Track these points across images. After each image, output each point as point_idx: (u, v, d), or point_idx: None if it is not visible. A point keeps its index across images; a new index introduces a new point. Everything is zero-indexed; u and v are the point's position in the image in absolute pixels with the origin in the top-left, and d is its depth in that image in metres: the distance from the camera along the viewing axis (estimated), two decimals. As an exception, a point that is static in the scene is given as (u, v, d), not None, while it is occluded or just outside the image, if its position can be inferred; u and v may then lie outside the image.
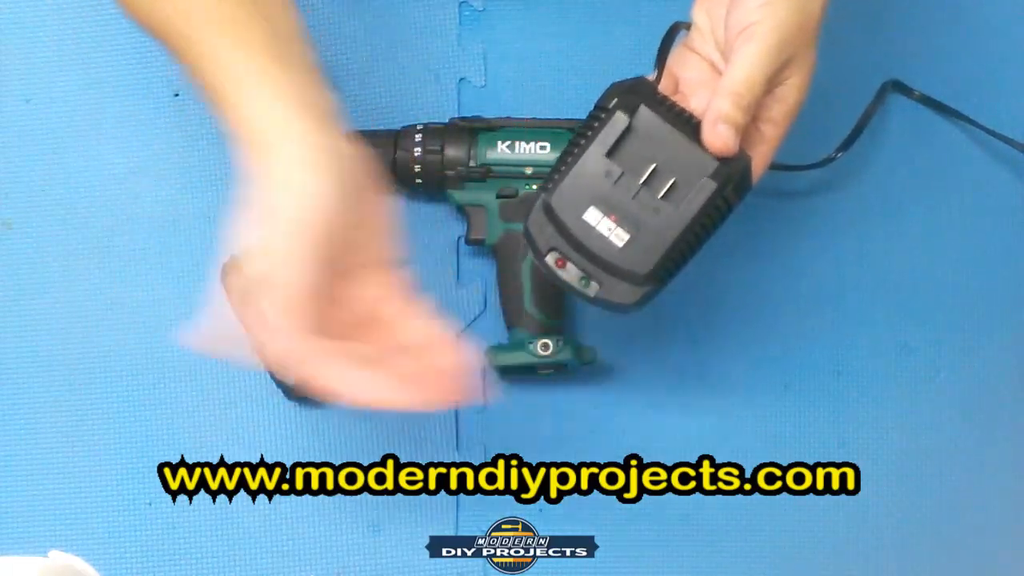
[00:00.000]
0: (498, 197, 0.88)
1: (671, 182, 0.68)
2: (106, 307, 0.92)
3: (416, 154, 0.88)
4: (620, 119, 0.69)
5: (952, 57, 0.95)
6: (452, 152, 0.88)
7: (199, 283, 0.91)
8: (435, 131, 0.89)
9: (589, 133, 0.69)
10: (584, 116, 0.88)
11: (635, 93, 0.70)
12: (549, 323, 0.86)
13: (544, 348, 0.85)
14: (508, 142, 0.88)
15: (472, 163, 0.88)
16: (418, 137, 0.88)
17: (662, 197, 0.68)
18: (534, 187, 0.87)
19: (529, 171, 0.87)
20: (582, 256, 0.69)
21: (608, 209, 0.69)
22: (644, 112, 0.69)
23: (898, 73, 0.94)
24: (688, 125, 0.69)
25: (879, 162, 0.93)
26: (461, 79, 0.94)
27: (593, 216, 0.69)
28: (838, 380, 0.91)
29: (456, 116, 0.91)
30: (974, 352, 0.92)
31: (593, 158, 0.69)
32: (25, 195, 0.93)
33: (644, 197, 0.68)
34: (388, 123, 0.91)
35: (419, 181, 0.89)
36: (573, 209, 0.69)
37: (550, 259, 0.70)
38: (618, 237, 0.69)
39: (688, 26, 0.74)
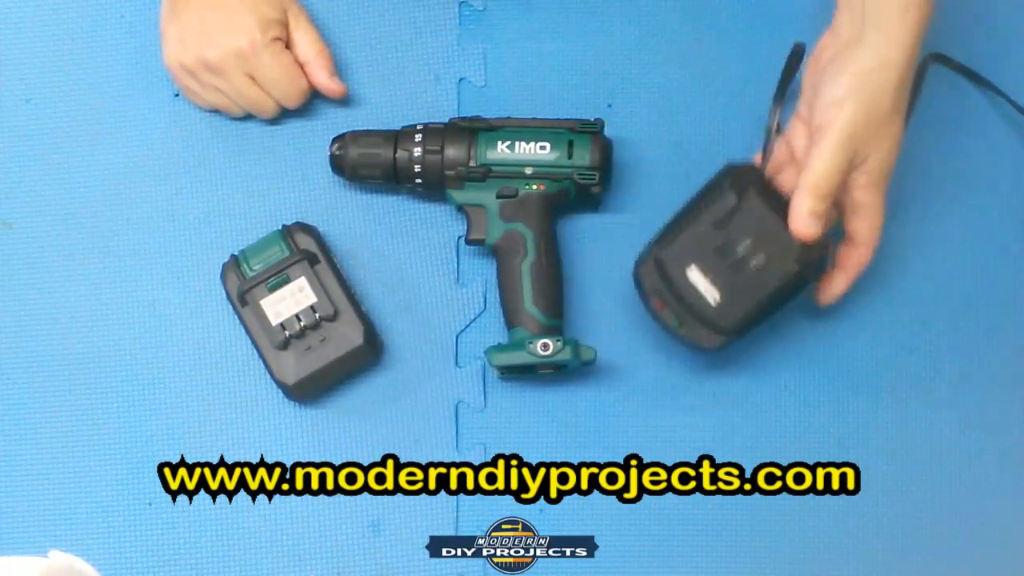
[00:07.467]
0: (498, 197, 0.88)
1: (762, 256, 0.80)
2: (106, 307, 0.92)
3: (416, 154, 0.88)
4: (731, 198, 0.80)
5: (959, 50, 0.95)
6: (452, 152, 0.88)
7: (199, 283, 0.91)
8: (435, 131, 0.89)
9: (704, 204, 0.81)
10: (583, 116, 0.89)
11: (746, 176, 0.81)
12: (549, 323, 0.86)
13: (544, 348, 0.84)
14: (508, 142, 0.88)
15: (472, 163, 0.88)
16: (418, 137, 0.89)
17: (752, 268, 0.80)
18: (534, 187, 0.87)
19: (529, 171, 0.87)
20: (680, 305, 0.82)
21: (707, 270, 0.81)
22: (751, 195, 0.80)
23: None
24: (786, 210, 0.79)
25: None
26: (461, 79, 0.94)
27: (694, 274, 0.81)
28: (838, 380, 0.91)
29: (456, 116, 0.91)
30: (974, 352, 0.92)
31: (704, 227, 0.81)
32: (25, 195, 0.93)
33: (738, 266, 0.80)
34: (388, 123, 0.91)
35: (419, 181, 0.89)
36: (679, 266, 0.82)
37: (653, 302, 0.83)
38: (712, 296, 0.81)
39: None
